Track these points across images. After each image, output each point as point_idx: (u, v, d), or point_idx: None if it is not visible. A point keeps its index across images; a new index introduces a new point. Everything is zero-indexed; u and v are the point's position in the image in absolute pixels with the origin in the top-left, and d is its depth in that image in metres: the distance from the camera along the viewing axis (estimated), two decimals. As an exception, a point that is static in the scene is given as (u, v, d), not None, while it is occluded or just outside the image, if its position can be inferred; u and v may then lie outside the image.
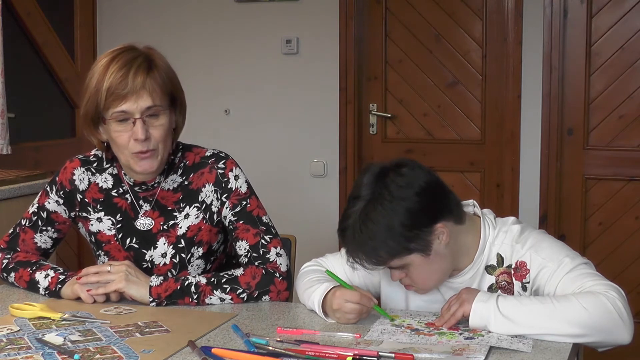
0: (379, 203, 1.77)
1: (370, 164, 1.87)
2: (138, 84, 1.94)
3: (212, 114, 4.58)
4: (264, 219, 2.11)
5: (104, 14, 4.80)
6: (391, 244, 1.77)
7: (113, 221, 2.11)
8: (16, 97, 3.99)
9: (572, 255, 1.86)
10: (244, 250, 2.08)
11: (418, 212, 1.78)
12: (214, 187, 2.09)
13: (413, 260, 1.81)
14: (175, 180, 2.11)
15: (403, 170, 1.81)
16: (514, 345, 1.67)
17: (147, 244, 2.10)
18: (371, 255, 1.79)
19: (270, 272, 2.05)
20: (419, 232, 1.79)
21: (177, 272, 2.10)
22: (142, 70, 1.96)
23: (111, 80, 1.94)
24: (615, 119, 4.07)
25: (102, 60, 1.99)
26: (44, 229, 2.16)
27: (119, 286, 1.98)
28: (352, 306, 1.83)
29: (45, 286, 2.05)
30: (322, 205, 4.49)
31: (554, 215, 4.12)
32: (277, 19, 4.50)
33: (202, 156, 2.12)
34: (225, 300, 2.01)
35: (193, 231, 2.09)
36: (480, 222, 1.91)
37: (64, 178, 2.14)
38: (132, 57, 1.98)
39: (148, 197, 2.11)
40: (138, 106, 1.95)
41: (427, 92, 4.37)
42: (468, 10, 4.27)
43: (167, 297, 1.98)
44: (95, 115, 1.99)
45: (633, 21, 4.00)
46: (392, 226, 1.76)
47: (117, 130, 1.98)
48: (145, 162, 2.00)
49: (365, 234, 1.77)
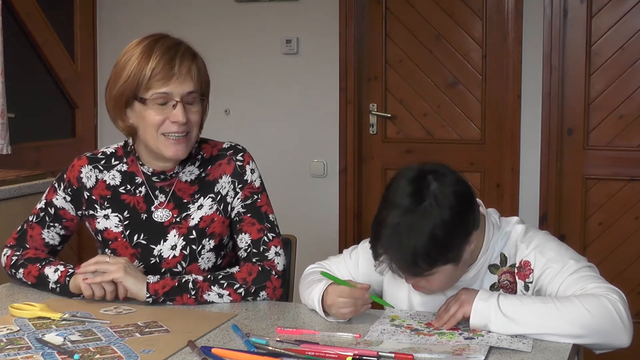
0: (423, 213, 1.72)
1: (403, 169, 1.81)
2: (184, 69, 1.98)
3: (212, 114, 4.51)
4: (270, 217, 2.12)
5: (104, 14, 4.80)
6: (434, 255, 1.74)
7: (120, 218, 2.11)
8: (16, 97, 3.99)
9: (576, 257, 1.86)
10: (245, 244, 2.08)
11: (461, 221, 1.76)
12: (231, 178, 2.10)
13: (445, 269, 1.78)
14: (193, 172, 2.11)
15: (445, 179, 1.76)
16: (514, 345, 1.67)
17: (157, 237, 2.09)
18: (411, 265, 1.75)
19: (266, 270, 2.05)
20: (460, 242, 1.77)
21: (187, 264, 2.08)
22: (187, 55, 2.00)
23: (157, 60, 1.96)
24: (615, 119, 4.07)
25: (142, 44, 2.00)
26: (51, 225, 2.16)
27: (117, 276, 1.96)
28: (344, 300, 1.82)
29: (55, 280, 2.05)
30: (322, 205, 4.49)
31: (554, 215, 4.12)
32: (277, 19, 4.50)
33: (220, 148, 2.14)
34: (223, 297, 2.01)
35: (206, 222, 2.09)
36: (484, 221, 1.91)
37: (71, 176, 2.14)
38: (175, 42, 2.02)
39: (165, 187, 2.11)
40: (181, 90, 1.98)
41: (427, 92, 4.37)
42: (468, 10, 4.27)
43: (165, 293, 1.98)
44: (132, 95, 1.99)
45: (633, 21, 4.00)
46: (436, 237, 1.72)
47: (154, 110, 1.98)
48: (180, 146, 2.01)
49: (408, 244, 1.72)
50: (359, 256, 2.05)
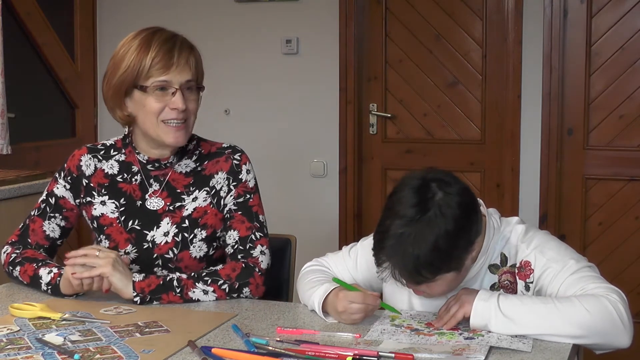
0: (428, 223, 1.72)
1: (407, 177, 1.81)
2: (183, 59, 2.05)
3: (212, 114, 4.57)
4: (260, 217, 2.16)
5: (104, 14, 4.80)
6: (437, 264, 1.74)
7: (116, 204, 2.15)
8: (16, 97, 3.99)
9: (577, 257, 1.86)
10: (233, 241, 2.12)
11: (464, 231, 1.76)
12: (227, 175, 2.15)
13: (447, 276, 1.79)
14: (189, 165, 2.17)
15: (449, 188, 1.76)
16: (514, 345, 1.67)
17: (151, 223, 2.13)
18: (415, 274, 1.75)
19: (250, 266, 2.08)
20: (462, 251, 1.77)
21: (178, 250, 2.11)
22: (185, 46, 2.08)
23: (157, 50, 2.03)
24: (615, 119, 4.07)
25: (140, 36, 2.08)
26: (52, 216, 2.19)
27: (104, 270, 1.97)
28: (358, 306, 1.82)
29: (47, 281, 2.06)
30: (322, 205, 4.49)
31: (554, 215, 4.12)
32: (277, 19, 4.50)
33: (219, 147, 2.20)
34: (208, 293, 2.03)
35: (199, 213, 2.13)
36: (485, 221, 1.90)
37: (71, 164, 2.20)
38: (172, 34, 2.11)
39: (159, 176, 2.16)
40: (180, 78, 2.05)
41: (427, 92, 4.37)
42: (468, 10, 4.27)
43: (151, 292, 1.99)
44: (132, 84, 2.05)
45: (633, 21, 4.00)
46: (440, 247, 1.72)
47: (154, 98, 2.05)
48: (179, 132, 2.08)
49: (413, 254, 1.72)
50: (357, 254, 2.05)
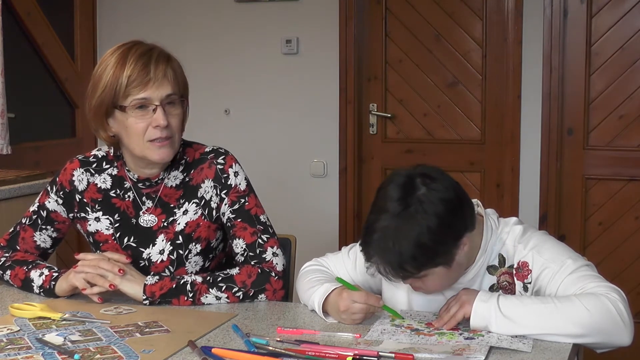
0: (408, 219, 1.72)
1: (394, 173, 1.82)
2: (160, 72, 1.98)
3: (212, 114, 4.58)
4: (261, 218, 2.11)
5: (104, 14, 4.80)
6: (420, 260, 1.74)
7: (111, 220, 2.12)
8: (16, 97, 3.99)
9: (574, 257, 1.86)
10: (241, 249, 2.08)
11: (448, 227, 1.75)
12: (213, 182, 2.09)
13: (435, 271, 1.79)
14: (177, 177, 2.11)
15: (433, 184, 1.76)
16: (514, 345, 1.67)
17: (146, 241, 2.10)
18: (398, 269, 1.76)
19: (266, 272, 2.05)
20: (448, 246, 1.77)
21: (174, 268, 2.09)
22: (162, 59, 2.00)
23: (132, 67, 1.96)
24: (615, 119, 4.07)
25: (116, 52, 2.00)
26: (43, 228, 2.17)
27: (114, 283, 1.98)
28: (360, 306, 1.83)
29: (39, 284, 2.06)
30: (322, 205, 4.49)
31: (554, 215, 4.12)
32: (277, 19, 4.50)
33: (202, 152, 2.13)
34: (221, 299, 2.01)
35: (191, 227, 2.09)
36: (483, 222, 1.90)
37: (63, 179, 2.15)
38: (149, 48, 2.02)
39: (151, 193, 2.11)
40: (159, 93, 1.97)
41: (427, 92, 4.37)
42: (468, 10, 4.27)
43: (162, 295, 1.98)
44: (112, 104, 1.99)
45: (633, 21, 4.00)
46: (422, 242, 1.72)
47: (135, 117, 1.98)
48: (164, 149, 2.01)
49: (394, 249, 1.72)
50: (357, 255, 2.04)
